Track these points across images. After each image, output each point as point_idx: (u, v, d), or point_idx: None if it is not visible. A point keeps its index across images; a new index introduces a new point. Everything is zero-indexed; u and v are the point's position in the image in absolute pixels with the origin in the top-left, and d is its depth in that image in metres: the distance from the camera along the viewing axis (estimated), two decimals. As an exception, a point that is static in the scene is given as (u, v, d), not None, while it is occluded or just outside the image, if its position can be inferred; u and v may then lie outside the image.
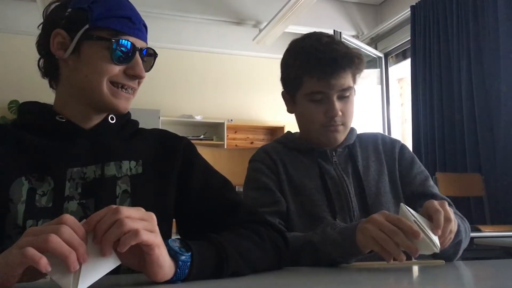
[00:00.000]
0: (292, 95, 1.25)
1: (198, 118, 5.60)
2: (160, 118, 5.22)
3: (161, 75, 5.51)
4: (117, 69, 0.91)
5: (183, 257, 0.70)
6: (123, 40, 0.91)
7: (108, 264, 0.63)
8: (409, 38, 4.58)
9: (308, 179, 1.21)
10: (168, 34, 5.50)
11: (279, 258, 0.90)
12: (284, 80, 1.27)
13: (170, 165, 0.99)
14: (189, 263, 0.71)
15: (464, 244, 1.08)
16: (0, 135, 0.91)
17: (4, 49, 5.16)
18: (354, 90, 1.23)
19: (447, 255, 1.01)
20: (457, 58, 3.86)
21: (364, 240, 0.88)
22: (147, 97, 5.08)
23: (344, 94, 1.19)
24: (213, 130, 5.81)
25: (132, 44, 0.92)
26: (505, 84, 3.39)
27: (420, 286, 0.77)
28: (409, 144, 4.47)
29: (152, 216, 0.67)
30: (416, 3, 4.48)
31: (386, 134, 5.37)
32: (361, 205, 1.20)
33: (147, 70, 0.98)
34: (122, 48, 0.90)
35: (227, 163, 1.84)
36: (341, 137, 1.23)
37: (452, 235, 0.90)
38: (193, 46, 5.74)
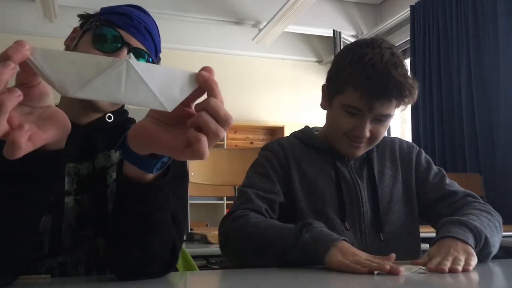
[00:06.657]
0: (330, 95, 1.20)
1: (198, 118, 5.60)
2: (160, 118, 5.21)
3: (160, 75, 5.50)
4: None
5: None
6: (110, 29, 0.89)
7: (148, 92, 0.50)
8: (409, 38, 4.58)
9: (321, 178, 1.20)
10: (168, 34, 5.49)
11: None
12: (330, 76, 1.21)
13: None
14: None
15: (495, 248, 1.08)
16: None
17: (3, 49, 5.15)
18: (393, 115, 1.17)
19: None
20: (456, 58, 3.86)
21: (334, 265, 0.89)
22: (146, 97, 5.06)
23: (380, 119, 1.15)
24: (213, 130, 5.80)
25: (119, 35, 0.89)
26: (505, 83, 3.39)
27: (419, 285, 0.77)
28: (408, 144, 4.47)
29: None
30: (415, 3, 4.48)
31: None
32: (372, 211, 1.19)
33: None
34: (105, 33, 0.89)
35: (227, 163, 1.83)
36: (361, 152, 1.20)
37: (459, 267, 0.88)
38: (193, 46, 5.74)
